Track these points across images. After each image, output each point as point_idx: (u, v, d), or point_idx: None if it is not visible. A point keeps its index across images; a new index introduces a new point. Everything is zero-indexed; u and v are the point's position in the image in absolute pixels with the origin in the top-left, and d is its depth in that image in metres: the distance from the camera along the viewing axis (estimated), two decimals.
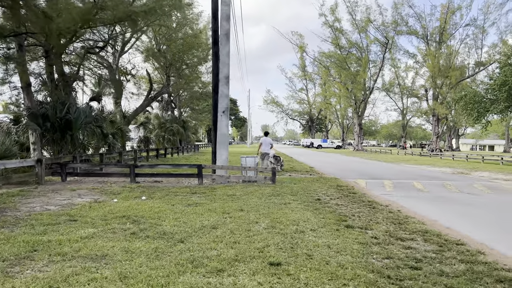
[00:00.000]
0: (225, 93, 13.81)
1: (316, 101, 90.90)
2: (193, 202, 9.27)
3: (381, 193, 12.07)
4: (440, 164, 28.91)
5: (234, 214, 7.83)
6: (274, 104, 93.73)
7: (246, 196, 10.26)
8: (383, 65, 60.91)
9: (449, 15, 54.60)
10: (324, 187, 12.85)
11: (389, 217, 8.05)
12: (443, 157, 40.28)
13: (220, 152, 13.80)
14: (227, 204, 8.99)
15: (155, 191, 11.09)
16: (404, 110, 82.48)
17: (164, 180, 13.85)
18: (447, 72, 54.40)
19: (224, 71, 13.80)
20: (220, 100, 13.82)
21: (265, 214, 7.85)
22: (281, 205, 9.07)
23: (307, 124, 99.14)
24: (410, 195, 11.91)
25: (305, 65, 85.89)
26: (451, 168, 24.99)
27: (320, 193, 11.40)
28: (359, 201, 10.10)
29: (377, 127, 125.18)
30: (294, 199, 10.02)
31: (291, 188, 12.08)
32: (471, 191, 13.08)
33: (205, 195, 10.57)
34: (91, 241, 5.74)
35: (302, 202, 9.50)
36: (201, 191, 11.29)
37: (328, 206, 9.12)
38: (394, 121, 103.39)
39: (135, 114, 29.34)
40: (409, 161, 33.93)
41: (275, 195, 10.56)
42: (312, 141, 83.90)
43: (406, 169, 23.99)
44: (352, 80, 58.51)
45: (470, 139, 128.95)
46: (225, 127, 13.81)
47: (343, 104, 69.09)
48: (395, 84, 71.24)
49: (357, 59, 60.38)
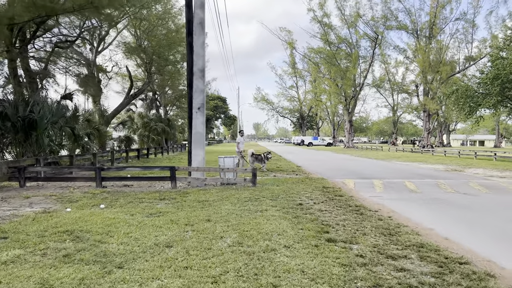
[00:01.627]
0: (200, 88, 12.65)
1: (306, 98, 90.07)
2: (156, 211, 8.13)
3: (371, 195, 11.03)
4: (432, 161, 28.03)
5: (199, 226, 6.71)
6: (264, 102, 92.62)
7: (220, 202, 9.14)
8: (373, 60, 60.09)
9: (438, 9, 53.85)
10: (309, 188, 11.78)
11: (378, 226, 6.99)
12: (435, 153, 39.50)
13: (195, 152, 12.65)
14: (195, 213, 7.86)
15: (119, 197, 9.92)
16: (394, 106, 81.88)
17: (135, 184, 12.67)
18: (438, 67, 53.68)
19: (198, 63, 12.64)
20: (195, 95, 12.65)
21: (234, 226, 6.74)
22: (256, 212, 7.97)
23: (297, 121, 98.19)
24: (402, 197, 10.88)
25: (295, 62, 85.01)
26: (444, 165, 24.10)
27: (304, 196, 10.32)
28: (346, 205, 9.03)
29: (368, 124, 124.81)
30: (273, 204, 8.92)
31: (272, 191, 10.98)
32: (467, 191, 12.09)
33: (174, 201, 9.43)
34: (8, 269, 4.58)
35: (281, 208, 8.40)
36: (171, 196, 10.15)
37: (310, 213, 8.04)
38: (385, 117, 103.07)
39: (115, 113, 28.03)
40: (400, 157, 33.05)
41: (253, 200, 9.45)
42: (303, 139, 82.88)
43: (397, 166, 23.04)
44: (342, 76, 57.57)
45: (461, 135, 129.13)
46: (200, 124, 12.66)
47: (334, 101, 68.20)
48: (385, 80, 70.53)
49: (347, 55, 59.45)
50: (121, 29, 29.35)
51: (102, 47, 29.35)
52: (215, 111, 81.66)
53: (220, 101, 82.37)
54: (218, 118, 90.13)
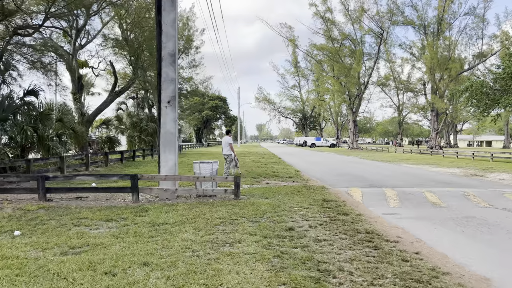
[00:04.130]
0: (170, 76, 10.23)
1: (309, 98, 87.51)
2: (84, 243, 5.72)
3: (384, 212, 8.57)
4: (445, 164, 25.48)
5: (122, 279, 4.28)
6: (266, 102, 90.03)
7: (180, 227, 6.71)
8: (378, 57, 57.50)
9: (447, 3, 51.20)
10: (306, 202, 9.33)
11: (404, 272, 4.56)
12: (446, 155, 36.91)
13: (165, 156, 10.22)
14: (135, 248, 5.45)
15: (54, 217, 7.52)
16: (400, 106, 79.28)
17: (91, 196, 10.25)
18: (446, 64, 51.01)
19: (168, 46, 10.21)
20: (163, 85, 10.22)
21: (178, 278, 4.31)
22: (224, 247, 5.54)
23: (300, 122, 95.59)
24: (424, 215, 8.42)
25: (297, 61, 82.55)
26: (460, 169, 21.57)
27: (297, 214, 7.88)
28: (353, 230, 6.59)
29: (372, 124, 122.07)
30: (252, 230, 6.48)
31: (257, 207, 8.54)
32: (507, 205, 9.60)
33: (121, 224, 7.02)
34: None
35: (262, 238, 5.96)
36: (123, 215, 7.73)
37: (302, 245, 5.61)
38: (389, 117, 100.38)
39: (98, 112, 25.68)
40: (409, 160, 30.53)
41: (227, 223, 7.02)
42: (306, 140, 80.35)
43: (408, 170, 20.54)
44: (346, 74, 55.00)
45: (467, 135, 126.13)
46: (171, 122, 10.24)
47: (337, 100, 65.65)
48: (390, 78, 67.85)
49: (351, 52, 56.91)
50: (106, 21, 27.03)
51: (86, 41, 27.05)
52: (215, 112, 79.16)
53: (220, 101, 79.80)
54: (219, 118, 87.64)
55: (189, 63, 43.48)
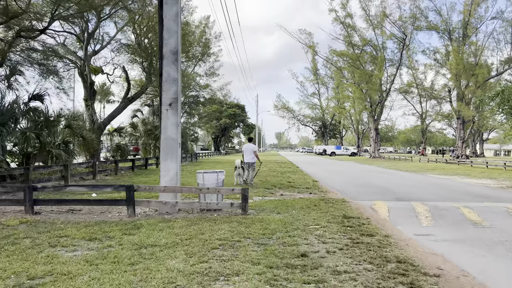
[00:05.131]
0: (172, 76, 9.21)
1: (329, 105, 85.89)
2: (48, 271, 4.68)
3: (416, 233, 7.27)
4: (476, 174, 23.72)
5: None
6: (285, 110, 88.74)
7: (170, 250, 5.59)
8: (400, 63, 55.66)
9: (474, 6, 49.22)
10: (323, 219, 8.10)
11: None
12: (474, 165, 34.88)
13: (166, 165, 9.19)
14: (107, 280, 4.37)
15: (32, 235, 6.53)
16: (423, 114, 76.74)
17: (85, 209, 9.27)
18: (473, 69, 48.87)
19: (170, 43, 9.22)
20: (164, 86, 9.21)
21: None
22: (216, 281, 4.40)
23: (320, 130, 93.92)
24: (465, 237, 7.08)
25: (316, 68, 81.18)
26: (493, 180, 19.88)
27: (313, 235, 6.68)
28: (380, 258, 5.35)
29: (394, 133, 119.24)
30: (256, 256, 5.32)
31: (267, 224, 7.38)
32: None
33: (107, 243, 5.98)
34: None
35: (268, 268, 4.80)
36: (111, 233, 6.69)
37: (316, 280, 4.43)
38: (412, 126, 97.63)
39: (111, 119, 25.03)
40: (434, 170, 28.79)
41: (228, 246, 5.87)
42: (325, 148, 78.69)
43: (436, 181, 18.99)
44: (367, 80, 53.39)
45: (493, 144, 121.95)
46: (173, 127, 9.19)
47: (358, 107, 63.91)
48: (413, 85, 65.71)
49: (372, 57, 55.33)
50: (121, 27, 26.51)
51: (101, 47, 26.58)
52: (233, 119, 78.44)
53: (238, 109, 79.07)
54: (237, 126, 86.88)
55: (206, 71, 42.92)
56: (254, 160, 15.39)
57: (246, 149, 15.96)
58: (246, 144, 16.54)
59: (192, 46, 34.29)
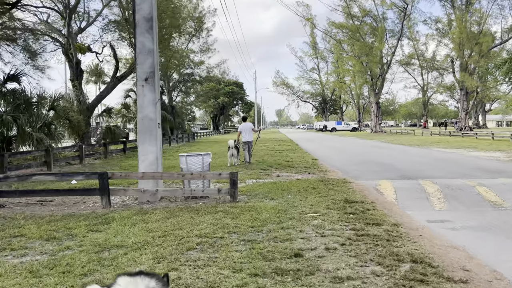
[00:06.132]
0: (147, 47, 8.09)
1: (329, 80, 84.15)
2: None
3: (429, 219, 6.31)
4: (483, 147, 22.68)
5: None
6: (284, 86, 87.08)
7: (137, 253, 4.63)
8: (402, 34, 53.83)
9: None
10: (323, 204, 7.14)
11: None
12: (480, 137, 33.81)
13: (144, 148, 8.16)
14: None
15: None
16: (424, 86, 75.10)
17: (57, 199, 8.33)
18: (477, 38, 47.17)
19: (143, 8, 8.06)
20: (139, 58, 8.10)
21: None
22: None
23: (320, 106, 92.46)
24: (487, 222, 6.11)
25: (315, 42, 79.16)
26: (502, 152, 18.88)
27: (309, 226, 5.72)
28: (391, 256, 4.39)
29: (395, 107, 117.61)
30: (240, 258, 4.36)
31: (257, 213, 6.42)
32: None
33: (67, 243, 5.03)
34: None
35: (251, 277, 3.83)
36: (76, 229, 5.73)
37: None
38: (413, 99, 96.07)
39: (100, 99, 23.93)
40: (439, 143, 27.76)
41: (207, 244, 4.91)
42: (326, 124, 77.35)
43: (442, 156, 18.03)
44: (368, 53, 51.74)
45: (495, 115, 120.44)
46: (150, 105, 8.12)
47: (358, 81, 62.37)
48: (414, 57, 63.96)
49: (372, 29, 53.52)
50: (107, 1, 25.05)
51: (87, 23, 25.25)
52: (231, 97, 76.89)
53: (236, 87, 77.38)
54: (236, 104, 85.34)
55: (200, 47, 41.34)
56: (252, 139, 15.32)
57: (244, 129, 15.41)
58: (243, 124, 16.00)
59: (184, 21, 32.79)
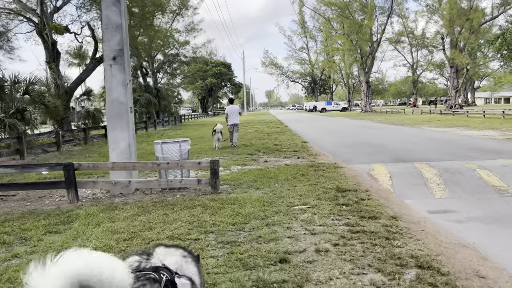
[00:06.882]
0: (114, 22, 7.21)
1: (318, 60, 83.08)
2: None
3: (430, 210, 5.70)
4: (475, 125, 22.22)
5: None
6: (273, 66, 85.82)
7: None
8: (391, 11, 52.87)
9: None
10: (312, 195, 6.48)
11: None
12: (471, 115, 33.43)
13: (114, 135, 7.37)
14: None
15: None
16: (414, 64, 74.50)
17: (21, 194, 7.55)
18: (468, 13, 46.40)
19: None
20: (106, 35, 7.23)
21: None
22: None
23: (309, 86, 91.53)
24: (495, 213, 5.51)
25: (304, 21, 77.77)
26: (496, 131, 18.41)
27: (297, 222, 5.06)
28: (392, 260, 3.75)
29: (384, 85, 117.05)
30: (215, 270, 3.68)
31: (241, 207, 5.75)
32: None
33: (15, 250, 4.30)
34: None
35: None
36: (31, 231, 5.00)
37: None
38: (402, 77, 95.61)
39: (79, 82, 22.81)
40: (430, 122, 27.30)
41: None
42: (315, 104, 76.57)
43: (435, 135, 17.50)
44: (357, 30, 50.74)
45: (484, 92, 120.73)
46: (119, 87, 7.29)
47: (348, 60, 61.46)
48: (404, 34, 63.09)
49: (361, 6, 52.37)
50: None
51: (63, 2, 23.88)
52: (219, 79, 75.47)
53: (224, 68, 75.86)
54: (224, 86, 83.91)
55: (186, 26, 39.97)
56: (239, 121, 14.92)
57: (231, 111, 14.89)
58: (230, 106, 15.38)
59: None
